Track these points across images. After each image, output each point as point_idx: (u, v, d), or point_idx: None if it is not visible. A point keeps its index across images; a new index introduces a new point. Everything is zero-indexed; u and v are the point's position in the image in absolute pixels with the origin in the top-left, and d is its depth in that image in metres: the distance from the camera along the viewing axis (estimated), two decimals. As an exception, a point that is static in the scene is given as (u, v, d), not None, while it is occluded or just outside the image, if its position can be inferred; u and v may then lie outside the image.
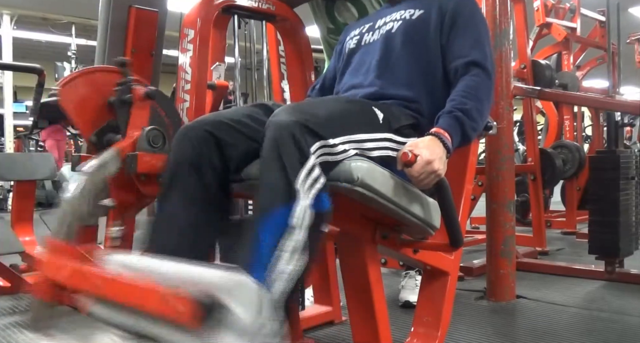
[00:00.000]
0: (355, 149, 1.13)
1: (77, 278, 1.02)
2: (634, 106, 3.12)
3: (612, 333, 1.92)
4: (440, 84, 1.40)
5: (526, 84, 3.52)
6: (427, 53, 1.40)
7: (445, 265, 1.46)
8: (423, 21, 1.42)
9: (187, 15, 1.66)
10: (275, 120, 1.06)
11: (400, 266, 2.44)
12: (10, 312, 2.37)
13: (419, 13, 1.44)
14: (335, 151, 1.09)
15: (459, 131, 1.24)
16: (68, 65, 7.34)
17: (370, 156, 1.17)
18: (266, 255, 0.97)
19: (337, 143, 1.09)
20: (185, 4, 1.96)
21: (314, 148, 1.04)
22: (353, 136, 1.13)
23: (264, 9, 1.79)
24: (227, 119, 1.22)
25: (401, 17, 1.45)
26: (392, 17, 1.48)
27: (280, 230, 0.98)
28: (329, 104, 1.19)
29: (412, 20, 1.43)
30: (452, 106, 1.27)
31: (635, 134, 7.06)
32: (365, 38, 1.51)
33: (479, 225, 4.19)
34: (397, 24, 1.44)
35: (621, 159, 2.54)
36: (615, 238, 2.53)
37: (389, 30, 1.45)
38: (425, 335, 1.46)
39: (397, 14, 1.48)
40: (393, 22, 1.46)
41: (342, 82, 1.52)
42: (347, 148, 1.11)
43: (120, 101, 1.51)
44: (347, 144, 1.11)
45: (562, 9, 4.82)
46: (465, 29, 1.40)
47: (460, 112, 1.25)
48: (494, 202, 2.38)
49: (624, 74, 4.63)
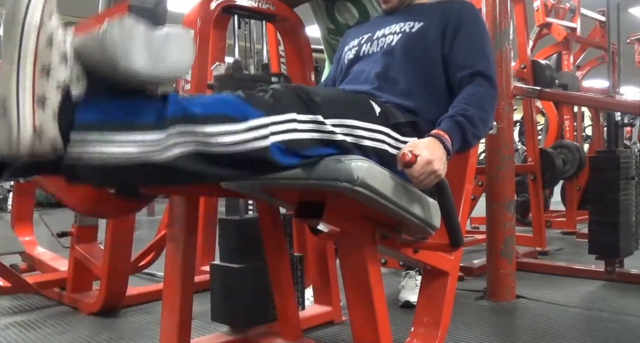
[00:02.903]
0: (345, 135, 1.12)
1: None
2: (634, 106, 3.12)
3: (612, 333, 1.92)
4: (443, 95, 1.39)
5: (526, 84, 3.53)
6: (428, 65, 1.39)
7: (445, 265, 1.46)
8: (423, 33, 1.41)
9: (187, 15, 1.66)
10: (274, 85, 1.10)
11: (400, 266, 2.44)
12: (10, 312, 2.37)
13: (418, 25, 1.42)
14: (322, 129, 1.09)
15: (460, 135, 1.24)
16: (68, 65, 7.34)
17: (361, 144, 1.16)
18: (213, 106, 0.97)
19: (327, 123, 1.09)
20: (185, 4, 1.96)
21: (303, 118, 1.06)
22: (345, 120, 1.13)
23: (264, 9, 1.79)
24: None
25: (401, 30, 1.44)
26: (392, 30, 1.46)
27: (240, 114, 0.99)
28: (326, 89, 1.20)
29: (412, 33, 1.42)
30: (454, 111, 1.27)
31: (635, 134, 7.07)
32: (363, 49, 1.49)
33: (479, 224, 4.20)
34: (397, 37, 1.43)
35: (621, 159, 2.55)
36: (615, 238, 2.53)
37: (389, 43, 1.43)
38: (425, 335, 1.46)
39: (396, 26, 1.46)
40: (393, 35, 1.44)
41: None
42: (336, 131, 1.10)
43: None
44: (337, 127, 1.11)
45: (562, 9, 4.83)
46: (469, 39, 1.39)
47: (462, 118, 1.25)
48: (494, 202, 2.38)
49: (624, 74, 4.63)
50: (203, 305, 2.04)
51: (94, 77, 0.87)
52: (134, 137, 0.88)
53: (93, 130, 0.85)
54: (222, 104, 1.00)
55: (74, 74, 0.85)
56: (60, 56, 0.84)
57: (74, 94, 0.85)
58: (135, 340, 1.95)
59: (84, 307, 2.32)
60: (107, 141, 0.86)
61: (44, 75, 0.81)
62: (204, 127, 0.94)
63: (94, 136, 0.85)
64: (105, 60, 0.84)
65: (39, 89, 0.81)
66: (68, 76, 0.85)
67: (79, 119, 0.85)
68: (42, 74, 0.81)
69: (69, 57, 0.85)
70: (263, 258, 1.71)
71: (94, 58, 0.86)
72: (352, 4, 2.01)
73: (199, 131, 0.93)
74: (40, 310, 2.39)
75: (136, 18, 0.86)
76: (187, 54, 0.92)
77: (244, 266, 1.74)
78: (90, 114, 0.86)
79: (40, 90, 0.81)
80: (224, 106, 0.99)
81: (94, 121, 0.86)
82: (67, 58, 0.85)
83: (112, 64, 0.84)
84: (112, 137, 0.86)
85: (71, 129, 0.84)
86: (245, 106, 1.01)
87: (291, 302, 1.73)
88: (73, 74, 0.85)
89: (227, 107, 0.99)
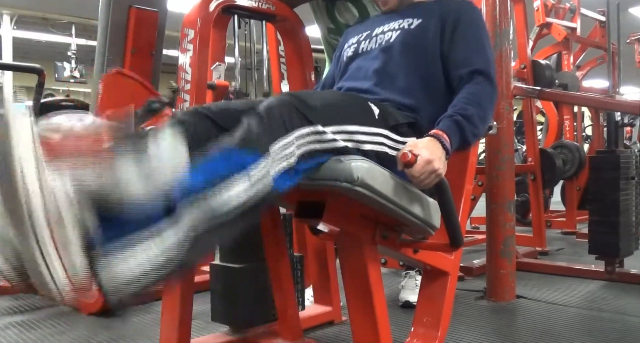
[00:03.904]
0: (346, 141, 1.12)
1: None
2: (634, 106, 3.12)
3: (612, 333, 1.92)
4: (441, 92, 1.39)
5: (526, 84, 3.53)
6: (426, 62, 1.39)
7: (445, 265, 1.46)
8: (422, 30, 1.41)
9: (187, 15, 1.66)
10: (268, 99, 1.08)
11: (400, 266, 2.44)
12: (10, 312, 2.37)
13: (417, 22, 1.43)
14: (323, 139, 1.08)
15: (458, 134, 1.24)
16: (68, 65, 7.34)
17: (362, 149, 1.16)
18: (211, 172, 0.94)
19: (327, 131, 1.08)
20: (185, 4, 1.96)
21: (302, 132, 1.04)
22: (344, 126, 1.13)
23: (264, 9, 1.79)
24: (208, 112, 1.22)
25: (399, 27, 1.45)
26: (390, 27, 1.47)
27: (238, 167, 0.95)
28: (323, 94, 1.20)
29: (410, 29, 1.43)
30: (454, 111, 1.28)
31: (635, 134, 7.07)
32: (362, 46, 1.50)
33: (479, 224, 4.19)
34: (396, 34, 1.44)
35: (621, 159, 2.55)
36: (615, 238, 2.53)
37: (388, 40, 1.44)
38: (425, 335, 1.46)
39: (395, 23, 1.47)
40: (392, 32, 1.45)
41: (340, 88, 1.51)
42: (337, 138, 1.10)
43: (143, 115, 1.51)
44: (337, 134, 1.11)
45: (562, 9, 4.82)
46: (468, 37, 1.39)
47: (460, 117, 1.26)
48: (494, 202, 2.38)
49: (624, 74, 4.63)
50: (203, 305, 2.04)
51: (100, 206, 0.87)
52: (155, 246, 0.87)
53: (116, 251, 0.85)
54: (219, 164, 0.97)
55: (85, 213, 0.85)
56: (68, 203, 0.83)
57: (89, 226, 0.85)
58: (135, 340, 1.95)
59: (84, 307, 2.32)
60: (131, 256, 0.86)
61: (57, 225, 0.81)
62: (210, 202, 0.91)
63: (119, 256, 0.85)
64: (112, 193, 0.86)
65: (59, 239, 0.81)
66: (79, 216, 0.84)
67: (100, 246, 0.85)
68: (56, 226, 0.81)
69: (77, 201, 0.84)
70: (263, 258, 1.71)
71: (99, 194, 0.86)
72: (352, 3, 2.01)
73: (207, 210, 0.91)
74: (40, 310, 2.39)
75: (124, 148, 0.87)
76: (179, 159, 0.93)
77: (244, 266, 1.74)
78: (109, 237, 0.86)
79: (60, 239, 0.81)
80: (221, 166, 0.96)
81: (114, 243, 0.86)
82: (74, 202, 0.84)
83: (117, 195, 0.86)
84: (134, 251, 0.86)
85: (98, 258, 0.84)
86: (239, 154, 0.97)
87: (291, 302, 1.73)
88: (84, 214, 0.85)
89: (225, 165, 0.96)
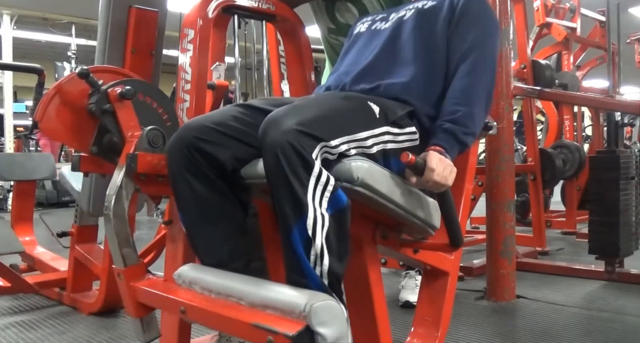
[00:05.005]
0: (356, 148, 1.14)
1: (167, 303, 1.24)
2: (634, 106, 3.12)
3: (612, 333, 1.92)
4: (440, 70, 1.42)
5: (526, 84, 3.52)
6: (434, 39, 1.44)
7: (445, 265, 1.46)
8: (434, 11, 1.48)
9: (187, 15, 1.65)
10: (271, 130, 1.05)
11: (400, 266, 2.44)
12: (10, 312, 2.37)
13: (431, 4, 1.50)
14: (332, 152, 1.09)
15: (454, 142, 1.27)
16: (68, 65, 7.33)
17: (371, 152, 1.18)
18: (307, 266, 1.04)
19: (338, 143, 1.10)
20: (185, 4, 1.96)
21: (316, 153, 1.05)
22: (353, 135, 1.14)
23: (264, 9, 1.79)
24: (212, 124, 1.24)
25: (414, 7, 1.53)
26: (406, 7, 1.56)
27: (305, 242, 1.03)
28: (324, 104, 1.20)
29: (424, 9, 1.50)
30: (443, 119, 1.30)
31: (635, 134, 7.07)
32: (376, 24, 1.58)
33: (479, 224, 4.19)
34: (410, 12, 1.52)
35: (621, 159, 2.55)
36: (615, 238, 2.53)
37: (401, 17, 1.52)
38: (425, 335, 1.46)
39: (410, 4, 1.56)
40: (406, 11, 1.54)
41: (343, 63, 1.56)
42: (348, 148, 1.12)
43: (101, 111, 1.48)
44: (346, 144, 1.12)
45: (562, 9, 4.82)
46: (472, 25, 1.42)
47: (450, 124, 1.29)
48: (494, 202, 2.38)
49: (624, 74, 4.63)
50: (203, 305, 2.04)
51: None
52: None
53: None
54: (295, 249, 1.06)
55: None
56: None
57: None
58: (135, 340, 1.95)
59: (84, 307, 2.32)
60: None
61: None
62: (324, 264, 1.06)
63: None
64: None
65: None
66: None
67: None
68: None
69: None
70: (263, 258, 1.71)
71: None
72: (353, 3, 2.01)
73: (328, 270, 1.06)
74: (40, 310, 2.39)
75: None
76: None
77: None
78: None
79: None
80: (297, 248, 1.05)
81: None
82: None
83: None
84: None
85: None
86: (297, 229, 1.05)
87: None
88: None
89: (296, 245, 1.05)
